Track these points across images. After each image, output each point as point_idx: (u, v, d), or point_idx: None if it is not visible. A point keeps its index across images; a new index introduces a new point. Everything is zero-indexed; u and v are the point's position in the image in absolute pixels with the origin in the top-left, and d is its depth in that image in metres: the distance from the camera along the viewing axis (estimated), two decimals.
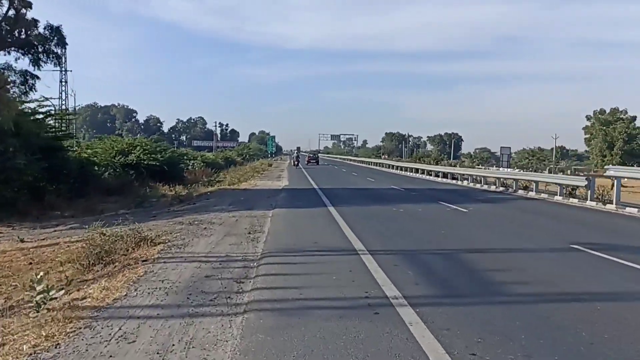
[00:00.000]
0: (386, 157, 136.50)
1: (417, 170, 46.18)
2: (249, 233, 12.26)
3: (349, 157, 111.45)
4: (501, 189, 27.45)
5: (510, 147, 69.55)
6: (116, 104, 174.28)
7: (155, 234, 12.13)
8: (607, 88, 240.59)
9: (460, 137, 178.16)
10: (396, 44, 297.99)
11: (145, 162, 34.34)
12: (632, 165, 53.35)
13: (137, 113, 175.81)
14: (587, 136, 57.17)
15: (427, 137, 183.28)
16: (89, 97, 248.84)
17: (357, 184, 30.50)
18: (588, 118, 57.20)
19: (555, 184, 21.67)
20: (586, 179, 19.43)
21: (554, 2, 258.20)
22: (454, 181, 34.61)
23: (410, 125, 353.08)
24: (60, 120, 31.01)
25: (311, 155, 79.99)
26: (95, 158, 32.43)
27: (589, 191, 18.98)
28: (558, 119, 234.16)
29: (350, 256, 9.25)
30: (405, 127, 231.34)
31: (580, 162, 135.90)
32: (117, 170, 32.62)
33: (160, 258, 9.51)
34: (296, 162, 63.39)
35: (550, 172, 67.72)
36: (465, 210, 17.05)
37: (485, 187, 29.29)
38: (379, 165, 66.26)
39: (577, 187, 21.22)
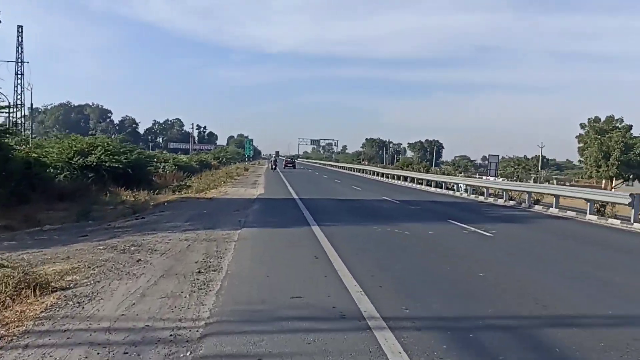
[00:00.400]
0: (366, 163, 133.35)
1: (405, 179, 42.54)
2: (199, 272, 8.23)
3: (329, 163, 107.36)
4: (511, 202, 23.88)
5: (498, 156, 66.88)
6: (90, 104, 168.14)
7: (62, 269, 8.13)
8: (582, 98, 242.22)
9: (441, 144, 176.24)
10: (375, 50, 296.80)
11: (106, 164, 30.38)
12: (629, 177, 50.94)
13: (112, 113, 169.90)
14: (581, 145, 54.28)
15: (408, 143, 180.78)
16: (63, 95, 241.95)
17: (342, 194, 26.71)
18: (582, 126, 54.33)
19: (586, 200, 17.98)
20: (630, 195, 15.80)
21: (528, 13, 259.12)
22: (449, 192, 31.05)
23: (390, 132, 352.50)
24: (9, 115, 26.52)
25: (288, 159, 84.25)
26: (46, 159, 28.22)
27: (633, 210, 15.39)
28: (535, 128, 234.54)
29: (358, 333, 5.32)
30: (384, 133, 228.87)
31: (561, 172, 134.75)
32: (75, 172, 28.65)
33: (33, 331, 5.45)
34: (274, 166, 65.74)
35: (535, 181, 65.06)
36: (488, 234, 13.22)
37: (491, 199, 25.69)
38: (362, 172, 62.59)
39: (607, 204, 17.76)
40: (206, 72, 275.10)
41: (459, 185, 30.59)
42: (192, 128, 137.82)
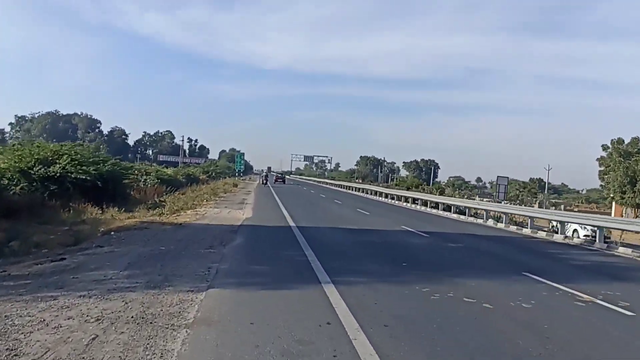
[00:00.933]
0: (360, 181, 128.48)
1: (413, 201, 37.29)
2: None
3: (325, 180, 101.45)
4: (561, 236, 18.62)
5: (507, 177, 61.68)
6: (79, 113, 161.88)
7: None
8: (574, 122, 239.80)
9: (437, 164, 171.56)
10: (368, 69, 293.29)
11: (72, 175, 25.11)
12: None
13: (101, 123, 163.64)
14: (602, 169, 49.36)
15: (403, 162, 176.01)
16: (52, 104, 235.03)
17: (349, 220, 21.28)
18: (604, 148, 49.50)
19: None
20: None
21: (520, 36, 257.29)
22: (473, 219, 25.81)
23: (382, 150, 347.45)
24: None
25: (279, 175, 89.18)
26: None
27: None
28: (526, 150, 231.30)
29: None
30: (377, 152, 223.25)
31: (559, 196, 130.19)
32: (35, 184, 23.64)
33: None
34: (265, 181, 66.91)
35: (540, 206, 60.03)
36: (622, 309, 7.85)
37: (542, 233, 20.46)
38: (361, 191, 57.36)
39: None
40: (199, 85, 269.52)
41: (489, 212, 25.20)
42: (182, 140, 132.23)
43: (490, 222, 24.08)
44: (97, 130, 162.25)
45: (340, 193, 54.18)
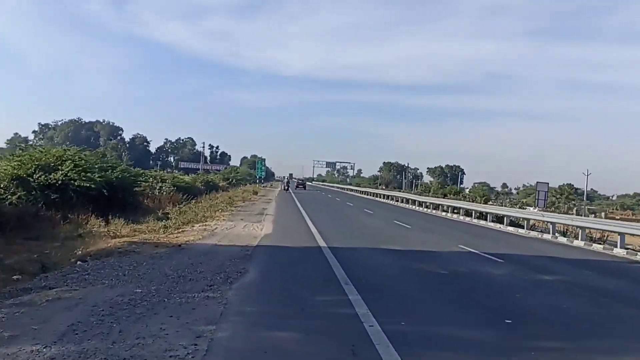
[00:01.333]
0: (384, 187, 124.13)
1: (453, 210, 33.11)
2: None
3: (349, 187, 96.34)
4: None
5: (547, 183, 56.69)
6: (101, 120, 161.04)
7: None
8: (596, 128, 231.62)
9: (462, 170, 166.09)
10: (387, 76, 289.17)
11: (75, 183, 22.01)
12: None
13: (122, 130, 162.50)
14: None
15: (427, 168, 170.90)
16: (75, 112, 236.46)
17: (392, 237, 17.21)
18: None
19: None
20: None
21: (540, 42, 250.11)
22: (537, 234, 21.57)
23: (402, 157, 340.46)
24: None
25: (299, 181, 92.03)
26: None
27: None
28: (552, 156, 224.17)
29: None
30: (397, 158, 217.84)
31: (591, 202, 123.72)
32: (34, 193, 20.94)
33: None
34: (286, 187, 69.75)
35: (578, 213, 54.97)
36: None
37: (622, 252, 16.20)
38: (387, 198, 53.33)
39: None
40: (220, 93, 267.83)
41: (554, 225, 20.87)
42: (203, 147, 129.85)
43: (563, 239, 19.76)
44: (119, 137, 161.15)
45: (367, 201, 50.24)
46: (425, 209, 38.18)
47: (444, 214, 33.93)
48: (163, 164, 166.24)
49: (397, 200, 48.57)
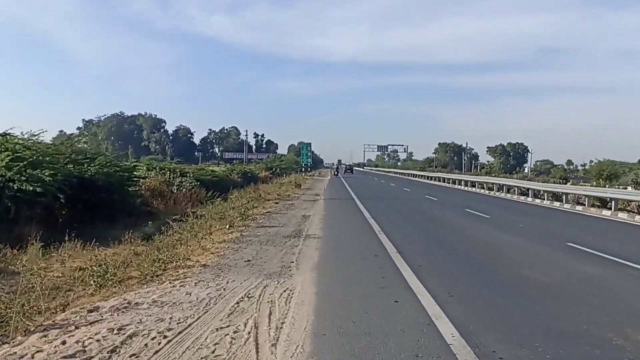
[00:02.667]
0: (439, 170, 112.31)
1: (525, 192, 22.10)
2: None
3: (412, 172, 79.12)
4: None
5: None
6: (143, 113, 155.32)
7: None
8: None
9: (527, 147, 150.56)
10: (437, 57, 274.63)
11: (14, 186, 14.59)
12: None
13: (165, 123, 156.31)
14: None
15: (487, 147, 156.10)
16: (119, 108, 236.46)
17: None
18: None
19: None
20: None
21: (595, 10, 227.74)
22: None
23: (453, 138, 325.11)
24: None
25: (347, 167, 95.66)
26: None
27: None
28: (616, 130, 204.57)
29: None
30: (448, 140, 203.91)
31: None
32: None
33: None
34: (336, 172, 71.39)
35: None
36: None
37: None
38: (457, 183, 42.52)
39: None
40: (267, 83, 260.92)
41: None
42: (246, 135, 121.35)
43: None
44: (162, 130, 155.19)
45: (436, 188, 39.46)
46: (490, 192, 27.14)
47: (532, 200, 22.85)
48: (209, 155, 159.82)
49: (461, 184, 37.76)
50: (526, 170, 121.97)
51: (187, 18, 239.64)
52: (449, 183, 47.13)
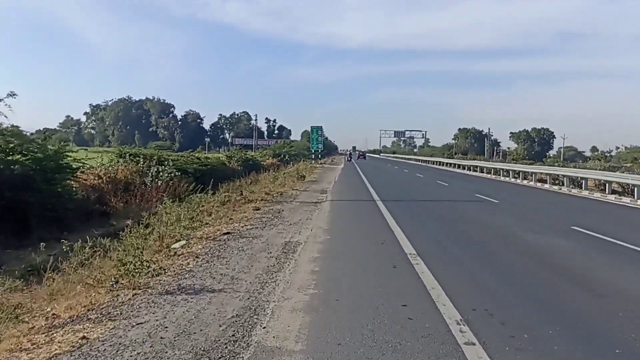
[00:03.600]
0: (460, 157, 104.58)
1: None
2: None
3: (437, 159, 72.35)
4: None
5: None
6: (150, 97, 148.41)
7: None
8: None
9: (552, 133, 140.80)
10: (453, 42, 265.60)
11: None
12: None
13: (174, 108, 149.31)
14: None
15: (510, 133, 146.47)
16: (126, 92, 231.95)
17: None
18: None
19: None
20: None
21: None
22: None
23: (470, 124, 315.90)
24: None
25: (360, 153, 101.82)
26: None
27: None
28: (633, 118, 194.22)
29: None
30: (466, 126, 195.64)
31: None
32: None
33: None
34: (349, 158, 72.51)
35: None
36: None
37: None
38: (477, 170, 34.57)
39: None
40: (279, 70, 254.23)
41: None
42: (256, 119, 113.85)
43: None
44: (170, 115, 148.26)
45: (480, 182, 31.72)
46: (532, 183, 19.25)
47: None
48: (220, 141, 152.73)
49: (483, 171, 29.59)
50: (561, 157, 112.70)
51: (201, 4, 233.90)
52: (488, 173, 38.82)
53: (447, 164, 57.96)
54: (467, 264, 8.02)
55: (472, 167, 45.88)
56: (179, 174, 27.27)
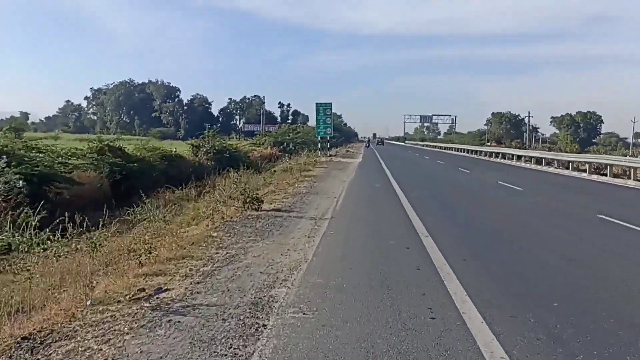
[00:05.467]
0: (494, 144, 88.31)
1: None
2: None
3: (481, 149, 54.22)
4: None
5: None
6: (153, 80, 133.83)
7: None
8: None
9: (600, 117, 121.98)
10: (473, 28, 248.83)
11: None
12: None
13: (180, 91, 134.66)
14: None
15: (552, 117, 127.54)
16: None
17: None
18: None
19: None
20: None
21: None
22: None
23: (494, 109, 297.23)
24: None
25: (379, 140, 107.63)
26: None
27: None
28: None
29: None
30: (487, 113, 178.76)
31: None
32: None
33: None
34: (368, 145, 79.56)
35: None
36: None
37: None
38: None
39: None
40: (299, 57, 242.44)
41: None
42: (264, 102, 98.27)
43: None
44: (176, 99, 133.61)
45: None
46: None
47: None
48: (230, 127, 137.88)
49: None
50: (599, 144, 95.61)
51: None
52: (561, 168, 23.77)
53: (504, 155, 40.98)
54: None
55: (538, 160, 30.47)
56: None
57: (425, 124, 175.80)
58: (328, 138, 41.02)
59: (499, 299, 5.13)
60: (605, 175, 22.46)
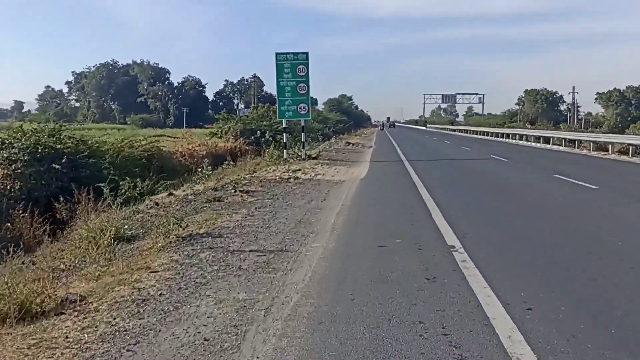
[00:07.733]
0: (529, 126, 68.37)
1: None
2: None
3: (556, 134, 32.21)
4: None
5: None
6: (137, 61, 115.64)
7: None
8: None
9: None
10: (486, 6, 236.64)
11: None
12: None
13: (169, 73, 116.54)
14: None
15: (597, 93, 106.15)
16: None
17: None
18: None
19: None
20: None
21: None
22: None
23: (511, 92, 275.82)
24: None
25: (391, 124, 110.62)
26: None
27: None
28: None
29: None
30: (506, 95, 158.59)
31: None
32: None
33: None
34: (382, 128, 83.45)
35: None
36: None
37: None
38: None
39: None
40: (310, 41, 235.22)
41: None
42: (254, 80, 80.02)
43: None
44: (166, 82, 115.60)
45: None
46: None
47: None
48: (230, 111, 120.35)
49: None
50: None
51: None
52: None
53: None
54: None
55: None
56: None
57: (454, 103, 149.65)
58: (305, 122, 20.74)
59: None
60: None
